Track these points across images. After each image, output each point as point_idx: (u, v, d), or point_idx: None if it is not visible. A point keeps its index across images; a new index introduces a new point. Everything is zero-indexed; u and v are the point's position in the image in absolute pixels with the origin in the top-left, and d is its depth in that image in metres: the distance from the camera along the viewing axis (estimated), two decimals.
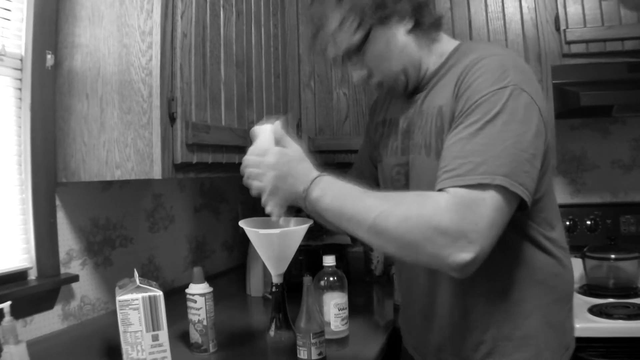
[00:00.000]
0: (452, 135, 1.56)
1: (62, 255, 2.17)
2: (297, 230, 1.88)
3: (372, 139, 2.21)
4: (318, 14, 1.81)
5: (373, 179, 2.23)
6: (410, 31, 1.78)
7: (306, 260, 3.31)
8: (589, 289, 3.13)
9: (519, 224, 1.66)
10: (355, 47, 1.76)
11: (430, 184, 1.64)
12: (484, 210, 1.44)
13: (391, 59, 1.80)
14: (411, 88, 1.88)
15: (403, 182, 1.90)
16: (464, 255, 1.40)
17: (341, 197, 1.60)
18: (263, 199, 1.83)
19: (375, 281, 3.63)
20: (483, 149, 1.48)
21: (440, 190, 1.49)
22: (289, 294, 2.03)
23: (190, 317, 2.30)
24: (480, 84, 1.57)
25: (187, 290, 2.32)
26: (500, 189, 1.45)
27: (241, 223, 1.88)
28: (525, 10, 2.98)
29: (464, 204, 1.44)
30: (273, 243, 1.83)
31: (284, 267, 1.90)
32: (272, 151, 1.75)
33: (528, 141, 1.51)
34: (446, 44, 1.87)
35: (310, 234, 3.37)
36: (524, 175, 1.49)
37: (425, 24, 1.80)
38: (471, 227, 1.42)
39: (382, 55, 1.79)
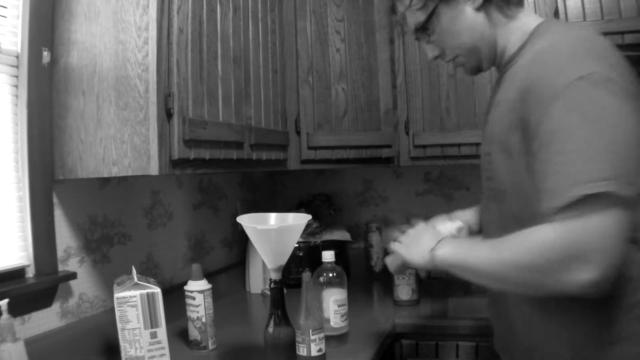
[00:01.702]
0: (540, 145, 1.46)
1: (59, 252, 2.16)
2: (294, 225, 1.87)
3: None
4: None
5: None
6: (480, 8, 1.74)
7: (305, 256, 3.32)
8: None
9: None
10: (421, 25, 1.80)
11: (507, 180, 1.69)
12: (598, 223, 1.34)
13: (459, 37, 1.79)
14: (487, 67, 1.87)
15: (489, 173, 1.84)
16: (584, 274, 1.34)
17: (462, 257, 1.66)
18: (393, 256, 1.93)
19: (376, 277, 3.64)
20: (577, 157, 1.37)
21: (544, 214, 1.42)
22: (289, 291, 2.03)
23: (189, 314, 2.30)
24: (553, 77, 1.46)
25: (185, 287, 2.32)
26: (607, 195, 1.33)
27: (239, 219, 1.87)
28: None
29: (569, 229, 1.37)
30: (271, 238, 1.83)
31: (282, 263, 1.89)
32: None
33: (621, 131, 1.39)
34: (527, 21, 1.75)
35: (309, 230, 3.39)
36: (628, 172, 1.36)
37: (497, 1, 1.74)
38: (584, 243, 1.35)
39: (450, 33, 1.79)
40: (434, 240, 1.76)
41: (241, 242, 3.56)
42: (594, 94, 1.40)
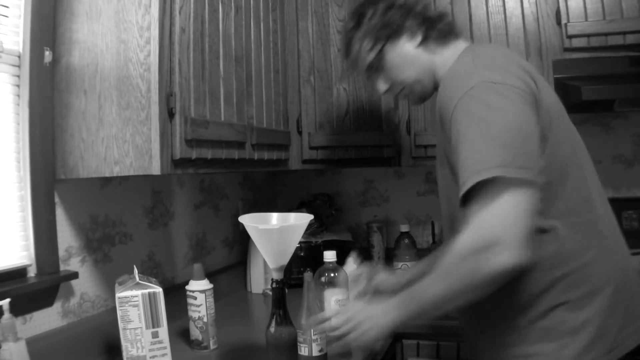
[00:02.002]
0: (453, 152, 1.64)
1: (61, 252, 2.16)
2: (296, 225, 1.87)
3: None
4: (344, 39, 2.15)
5: None
6: (420, 44, 1.97)
7: (307, 256, 3.31)
8: None
9: None
10: (373, 64, 2.03)
11: (441, 187, 1.92)
12: (495, 210, 1.48)
13: (404, 72, 2.00)
14: (430, 95, 2.05)
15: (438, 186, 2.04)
16: (502, 257, 1.46)
17: (415, 298, 1.68)
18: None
19: None
20: (473, 150, 1.54)
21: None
22: (291, 290, 2.03)
23: (191, 313, 2.30)
24: (449, 96, 1.67)
25: (187, 287, 2.32)
26: (500, 181, 1.47)
27: (241, 218, 1.87)
28: (526, 4, 2.97)
29: (474, 218, 1.51)
30: (273, 238, 1.83)
31: (284, 263, 1.89)
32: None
33: (512, 124, 1.54)
34: (456, 47, 1.96)
35: (311, 230, 3.39)
36: (521, 159, 1.50)
37: (433, 36, 1.97)
38: (489, 234, 1.48)
39: (396, 69, 2.00)
40: (382, 308, 1.76)
41: (242, 241, 3.55)
42: (483, 97, 1.59)
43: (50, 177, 2.09)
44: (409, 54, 1.98)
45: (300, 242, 3.32)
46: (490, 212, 1.48)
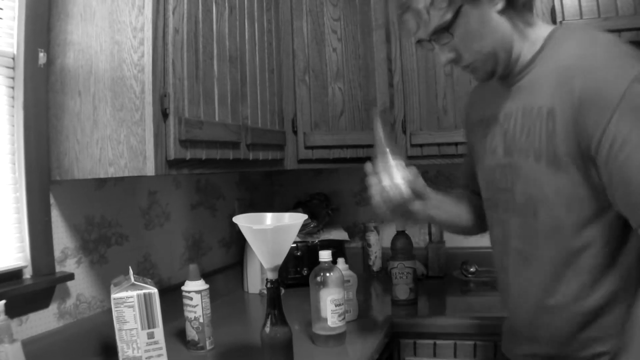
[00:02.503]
0: (614, 152, 1.45)
1: (57, 253, 2.17)
2: (290, 225, 1.87)
3: (471, 144, 2.10)
4: None
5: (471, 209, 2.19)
6: (503, 11, 1.66)
7: (303, 256, 3.32)
8: None
9: None
10: (445, 25, 1.66)
11: (541, 192, 1.65)
12: None
13: (481, 40, 1.69)
14: (500, 73, 1.76)
15: (508, 185, 1.80)
16: None
17: None
18: None
19: (374, 277, 3.63)
20: None
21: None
22: (288, 290, 2.03)
23: (187, 314, 2.30)
24: (609, 84, 1.46)
25: (183, 288, 2.32)
26: None
27: (235, 219, 1.87)
28: None
29: None
30: (267, 238, 1.83)
31: (278, 262, 1.89)
32: None
33: None
34: (540, 28, 1.73)
35: (307, 230, 3.39)
36: None
37: (519, 3, 1.68)
38: None
39: (472, 36, 1.69)
40: None
41: (239, 242, 3.55)
42: None
43: (45, 178, 2.09)
44: (490, 20, 1.66)
45: (296, 242, 3.33)
46: None
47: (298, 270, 3.31)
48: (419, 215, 1.98)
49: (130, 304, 1.98)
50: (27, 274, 2.07)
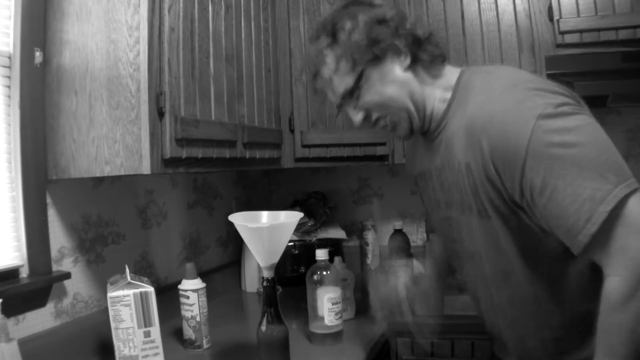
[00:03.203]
0: (536, 194, 1.44)
1: (53, 252, 2.17)
2: (286, 223, 1.87)
3: (421, 195, 2.09)
4: (314, 56, 1.81)
5: None
6: (409, 68, 1.71)
7: (301, 254, 3.32)
8: None
9: None
10: (350, 90, 1.72)
11: (482, 241, 1.67)
12: (633, 229, 1.36)
13: (388, 99, 1.72)
14: (417, 128, 1.78)
15: (458, 236, 1.81)
16: None
17: None
18: None
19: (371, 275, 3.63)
20: (581, 180, 1.37)
21: (576, 243, 1.41)
22: (285, 289, 2.02)
23: (184, 313, 2.30)
24: (514, 132, 1.44)
25: (179, 286, 2.32)
26: (624, 198, 1.35)
27: (231, 217, 1.87)
28: (518, 1, 2.96)
29: (623, 251, 1.37)
30: (263, 236, 1.82)
31: (274, 261, 1.89)
32: None
33: (601, 142, 1.43)
34: (448, 77, 1.75)
35: (304, 228, 3.39)
36: (626, 170, 1.39)
37: (425, 59, 1.72)
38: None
39: (378, 94, 1.72)
40: None
41: (236, 241, 3.55)
42: (557, 126, 1.41)
43: (42, 177, 2.09)
44: (395, 79, 1.71)
45: (294, 241, 3.33)
46: (631, 235, 1.36)
47: (295, 268, 3.31)
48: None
49: (127, 303, 1.98)
50: (24, 273, 2.07)
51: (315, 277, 2.32)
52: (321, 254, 2.34)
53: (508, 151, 1.46)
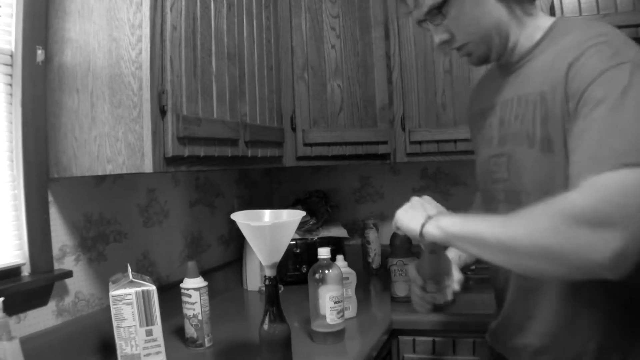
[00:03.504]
0: (579, 121, 1.42)
1: (55, 251, 2.17)
2: (288, 222, 1.87)
3: (473, 138, 2.09)
4: None
5: None
6: None
7: (303, 253, 3.32)
8: None
9: None
10: (437, 5, 1.66)
11: (535, 178, 1.61)
12: (632, 189, 1.27)
13: (475, 23, 1.68)
14: (495, 58, 1.77)
15: (503, 175, 1.77)
16: (611, 245, 1.23)
17: (468, 224, 1.53)
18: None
19: (373, 274, 3.63)
20: (620, 131, 1.33)
21: (580, 178, 1.34)
22: (287, 288, 2.02)
23: (185, 311, 2.30)
24: (596, 63, 1.43)
25: (181, 285, 2.32)
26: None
27: (233, 216, 1.87)
28: None
29: (604, 188, 1.29)
30: (265, 235, 1.82)
31: (276, 259, 1.88)
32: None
33: None
34: (541, 19, 1.72)
35: (306, 227, 3.39)
36: None
37: None
38: (615, 209, 1.26)
39: (466, 17, 1.68)
40: (437, 208, 1.69)
41: (238, 239, 3.55)
42: (636, 79, 1.38)
43: (43, 176, 2.09)
44: (486, 3, 1.66)
45: (295, 240, 3.33)
46: (625, 190, 1.27)
47: (297, 267, 3.31)
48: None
49: (129, 302, 1.98)
50: (26, 272, 2.07)
51: (317, 275, 2.32)
52: (323, 253, 2.34)
53: (583, 71, 1.44)
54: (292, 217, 1.91)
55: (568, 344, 1.64)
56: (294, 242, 3.31)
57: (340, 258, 2.63)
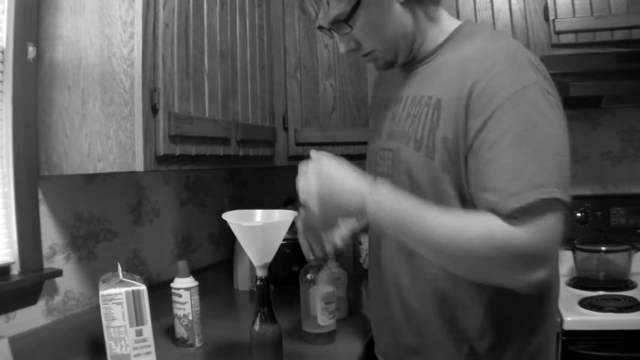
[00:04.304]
0: (486, 145, 1.46)
1: (45, 249, 2.15)
2: (280, 222, 1.86)
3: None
4: None
5: None
6: (406, 3, 1.65)
7: (293, 253, 3.30)
8: (579, 282, 3.12)
9: None
10: (344, 17, 1.64)
11: (417, 179, 1.64)
12: (552, 227, 1.39)
13: (382, 31, 1.69)
14: (401, 62, 1.77)
15: (388, 170, 1.80)
16: (540, 274, 1.39)
17: (401, 213, 1.53)
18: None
19: (364, 274, 3.61)
20: (530, 161, 1.41)
21: (495, 212, 1.42)
22: (277, 288, 2.01)
23: (176, 311, 2.29)
24: (501, 83, 1.46)
25: (172, 285, 2.30)
26: (556, 201, 1.39)
27: (224, 215, 1.86)
28: (513, 0, 2.96)
29: (545, 230, 1.39)
30: (256, 235, 1.81)
31: (268, 260, 1.87)
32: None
33: (562, 143, 1.45)
34: (447, 22, 1.75)
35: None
36: (567, 181, 1.43)
37: None
38: (544, 246, 1.39)
39: (372, 27, 1.68)
40: (363, 182, 1.61)
41: (229, 239, 3.54)
42: (540, 103, 1.45)
43: (33, 173, 2.07)
44: (392, 12, 1.66)
45: (287, 239, 3.31)
46: (548, 229, 1.39)
47: (288, 267, 3.30)
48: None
49: (119, 301, 1.97)
50: (15, 270, 2.05)
51: (308, 276, 2.31)
52: None
53: (487, 95, 1.47)
54: (283, 217, 1.90)
55: (447, 343, 1.72)
56: (284, 242, 3.28)
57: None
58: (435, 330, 1.72)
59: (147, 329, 2.02)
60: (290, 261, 3.28)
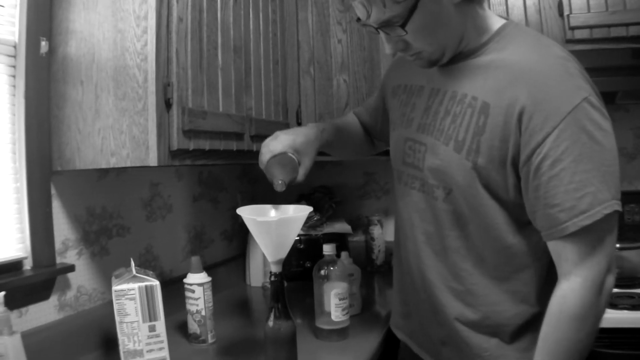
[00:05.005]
0: (548, 162, 1.47)
1: (57, 244, 2.15)
2: (295, 217, 1.85)
3: (385, 99, 2.14)
4: None
5: (364, 132, 2.37)
6: (460, 4, 1.60)
7: (306, 249, 3.30)
8: None
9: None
10: (401, 21, 1.56)
11: (452, 180, 1.65)
12: (610, 242, 1.49)
13: (434, 34, 1.62)
14: (445, 61, 1.71)
15: (418, 164, 1.79)
16: (610, 286, 1.54)
17: None
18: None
19: (377, 270, 3.61)
20: (593, 177, 1.44)
21: (561, 228, 1.48)
22: (290, 284, 2.00)
23: (189, 307, 2.28)
24: (559, 98, 1.47)
25: (185, 280, 2.30)
26: (616, 212, 1.46)
27: (239, 210, 1.84)
28: None
29: (588, 271, 1.48)
30: (271, 231, 1.80)
31: (282, 255, 1.86)
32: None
33: (615, 153, 1.49)
34: (490, 20, 1.70)
35: (310, 223, 3.37)
36: (620, 189, 1.49)
37: None
38: (607, 264, 1.49)
39: (425, 30, 1.61)
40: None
41: (241, 234, 3.54)
42: (595, 116, 1.46)
43: (46, 168, 2.07)
44: (446, 14, 1.59)
45: (299, 235, 3.31)
46: (606, 247, 1.48)
47: (301, 263, 3.30)
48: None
49: (132, 297, 1.96)
50: (28, 265, 2.05)
51: (322, 272, 2.31)
52: (328, 249, 2.33)
53: (543, 111, 1.47)
54: (299, 212, 1.88)
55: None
56: (297, 238, 3.30)
57: (345, 255, 2.61)
58: (461, 326, 1.76)
59: (160, 325, 2.01)
60: (303, 257, 3.27)
